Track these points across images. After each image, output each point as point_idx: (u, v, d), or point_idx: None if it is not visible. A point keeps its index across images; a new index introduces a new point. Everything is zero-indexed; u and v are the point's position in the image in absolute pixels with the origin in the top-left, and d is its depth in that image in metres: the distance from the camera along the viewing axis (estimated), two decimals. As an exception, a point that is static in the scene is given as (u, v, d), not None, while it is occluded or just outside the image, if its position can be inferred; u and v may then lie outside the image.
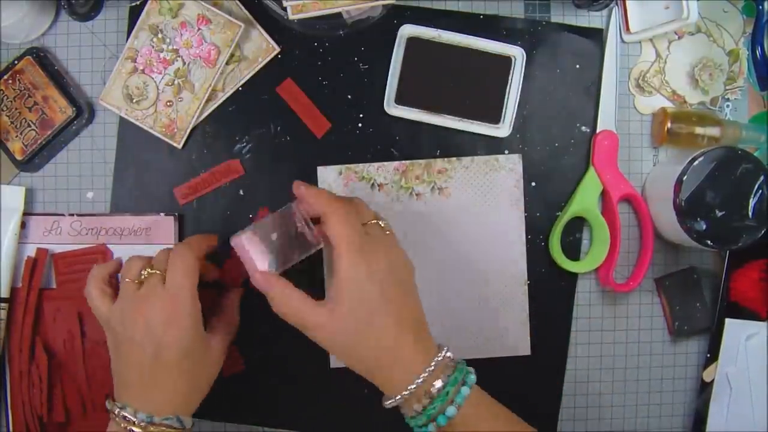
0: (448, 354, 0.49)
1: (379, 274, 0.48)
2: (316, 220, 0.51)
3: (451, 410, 0.47)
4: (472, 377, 0.49)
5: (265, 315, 0.61)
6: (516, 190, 0.62)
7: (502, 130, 0.61)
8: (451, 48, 0.61)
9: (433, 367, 0.48)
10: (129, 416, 0.49)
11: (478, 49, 0.61)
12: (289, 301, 0.49)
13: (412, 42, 0.60)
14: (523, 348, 0.62)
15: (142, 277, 0.51)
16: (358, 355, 0.49)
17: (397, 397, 0.48)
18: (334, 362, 0.62)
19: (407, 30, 0.60)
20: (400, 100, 0.61)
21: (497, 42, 0.61)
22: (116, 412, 0.49)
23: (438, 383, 0.47)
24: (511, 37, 0.61)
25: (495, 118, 0.61)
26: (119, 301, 0.51)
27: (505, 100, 0.61)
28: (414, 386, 0.47)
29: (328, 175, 0.61)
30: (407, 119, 0.61)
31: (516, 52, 0.61)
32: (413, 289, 0.51)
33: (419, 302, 0.51)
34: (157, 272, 0.51)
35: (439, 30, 0.60)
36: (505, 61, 0.61)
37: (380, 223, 0.51)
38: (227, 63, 0.60)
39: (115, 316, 0.51)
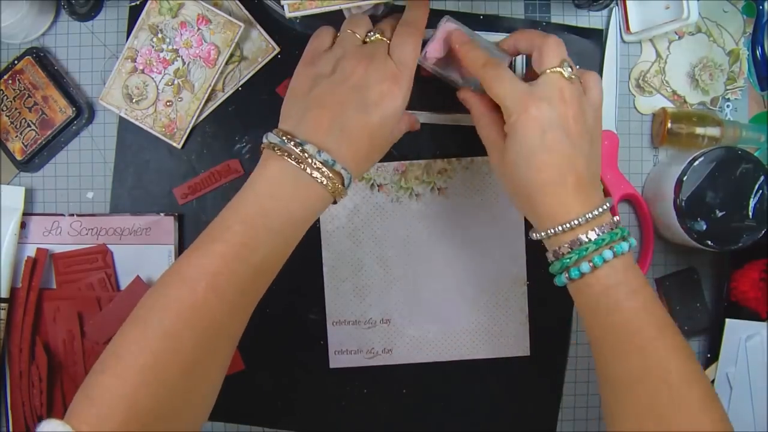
0: (612, 213, 0.47)
1: (542, 120, 0.46)
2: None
3: (608, 253, 0.45)
4: (633, 241, 0.47)
5: (266, 315, 0.61)
6: (516, 190, 0.61)
7: (502, 130, 0.61)
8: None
9: (595, 214, 0.46)
10: (310, 152, 0.46)
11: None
12: (479, 122, 0.51)
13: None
14: (523, 348, 0.62)
15: (368, 39, 0.50)
16: (519, 187, 0.48)
17: (552, 230, 0.46)
18: (334, 362, 0.62)
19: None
20: None
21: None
22: (292, 144, 0.46)
23: (597, 231, 0.45)
24: (511, 37, 0.61)
25: (495, 118, 0.61)
26: (337, 45, 0.50)
27: (505, 100, 0.61)
28: (575, 222, 0.45)
29: (328, 175, 0.61)
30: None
31: (516, 52, 0.61)
32: (588, 144, 0.47)
33: (594, 159, 0.48)
34: (385, 40, 0.50)
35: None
36: (505, 61, 0.61)
37: (564, 72, 0.47)
38: (227, 63, 0.60)
39: (326, 56, 0.49)
